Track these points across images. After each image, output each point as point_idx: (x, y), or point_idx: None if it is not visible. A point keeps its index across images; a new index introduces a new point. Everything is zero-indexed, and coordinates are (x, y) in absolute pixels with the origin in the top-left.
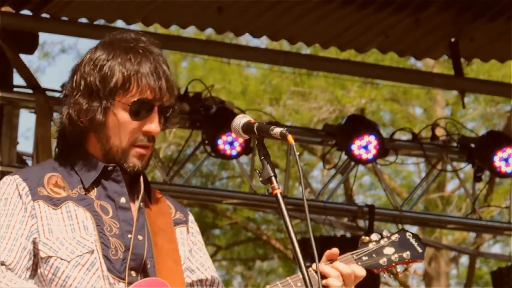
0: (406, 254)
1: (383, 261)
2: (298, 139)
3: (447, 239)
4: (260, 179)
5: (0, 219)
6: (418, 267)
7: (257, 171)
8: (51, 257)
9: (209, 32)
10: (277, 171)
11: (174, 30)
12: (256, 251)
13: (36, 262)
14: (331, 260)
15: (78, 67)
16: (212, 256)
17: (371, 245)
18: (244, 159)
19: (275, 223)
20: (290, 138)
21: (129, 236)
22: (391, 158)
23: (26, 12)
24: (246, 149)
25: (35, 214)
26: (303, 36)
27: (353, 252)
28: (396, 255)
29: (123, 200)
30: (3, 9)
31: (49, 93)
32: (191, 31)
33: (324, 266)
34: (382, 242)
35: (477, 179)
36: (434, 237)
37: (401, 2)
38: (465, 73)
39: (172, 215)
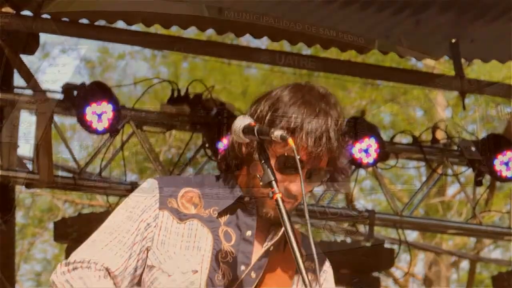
0: None
1: None
2: None
3: (448, 244)
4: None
5: (127, 209)
6: (419, 271)
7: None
8: (154, 267)
9: (210, 32)
10: None
11: (174, 30)
12: None
13: (143, 268)
14: None
15: (262, 98)
16: None
17: None
18: None
19: None
20: (290, 141)
21: (242, 268)
22: (391, 161)
23: (26, 12)
24: None
25: (157, 223)
26: (303, 37)
27: None
28: None
29: (249, 233)
30: (4, 9)
31: (49, 94)
32: (191, 32)
33: None
34: None
35: (477, 183)
36: (434, 242)
37: (401, 3)
38: (466, 74)
39: None
